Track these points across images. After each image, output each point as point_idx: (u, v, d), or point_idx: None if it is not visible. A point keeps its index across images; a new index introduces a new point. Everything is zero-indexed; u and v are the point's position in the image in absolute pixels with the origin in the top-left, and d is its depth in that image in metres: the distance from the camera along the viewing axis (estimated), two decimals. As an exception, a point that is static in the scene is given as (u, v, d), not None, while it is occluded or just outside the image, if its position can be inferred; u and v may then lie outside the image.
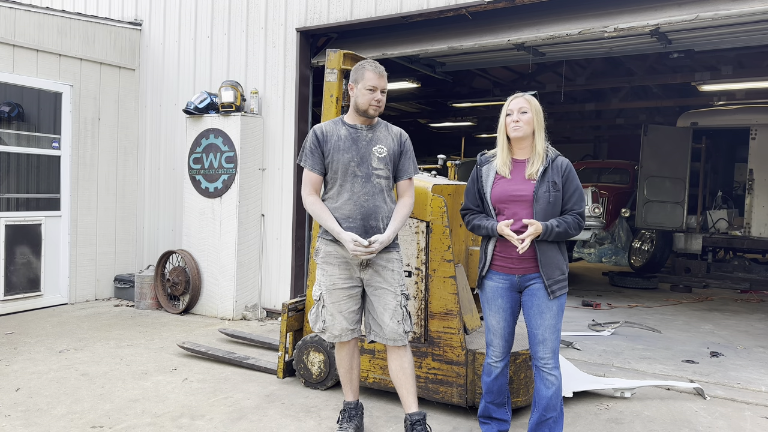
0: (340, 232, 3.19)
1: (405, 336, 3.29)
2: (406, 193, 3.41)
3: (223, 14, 6.90)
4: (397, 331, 3.25)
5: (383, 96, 3.30)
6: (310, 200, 3.31)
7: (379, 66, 3.33)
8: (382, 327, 3.27)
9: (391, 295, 3.27)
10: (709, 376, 4.72)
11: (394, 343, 3.27)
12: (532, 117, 3.03)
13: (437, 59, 7.44)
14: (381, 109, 3.31)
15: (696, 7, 4.78)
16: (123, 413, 3.78)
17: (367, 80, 3.26)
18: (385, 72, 3.33)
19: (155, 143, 7.54)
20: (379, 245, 3.16)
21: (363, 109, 3.28)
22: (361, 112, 3.30)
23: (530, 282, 3.05)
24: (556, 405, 3.02)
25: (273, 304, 6.63)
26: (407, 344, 3.32)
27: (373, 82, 3.25)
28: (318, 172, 3.32)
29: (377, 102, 3.27)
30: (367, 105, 3.26)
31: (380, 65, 3.34)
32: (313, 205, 3.30)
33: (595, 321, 6.52)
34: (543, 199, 2.99)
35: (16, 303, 6.42)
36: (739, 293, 8.89)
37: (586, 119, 15.15)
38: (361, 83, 3.27)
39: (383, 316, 3.25)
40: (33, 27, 6.55)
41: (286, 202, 6.55)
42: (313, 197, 3.32)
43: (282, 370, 4.45)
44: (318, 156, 3.30)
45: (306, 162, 3.33)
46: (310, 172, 3.32)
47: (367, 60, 3.40)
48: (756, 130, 9.64)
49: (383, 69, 3.34)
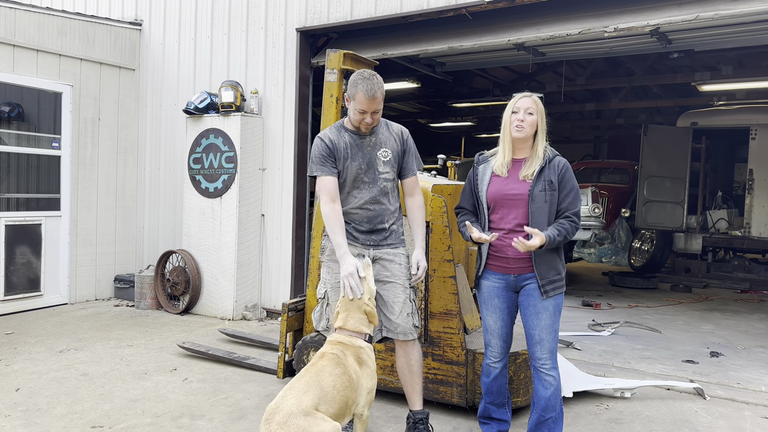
0: (344, 254, 3.07)
1: (415, 330, 3.28)
2: (415, 191, 3.42)
3: (223, 14, 6.90)
4: (407, 325, 3.25)
5: (375, 116, 3.21)
6: (326, 209, 3.18)
7: (373, 85, 3.13)
8: (391, 320, 3.25)
9: (400, 288, 3.28)
10: (709, 376, 4.72)
11: (404, 337, 3.26)
12: (536, 120, 3.02)
13: (437, 59, 7.44)
14: (375, 124, 3.27)
15: (696, 7, 4.78)
16: (123, 413, 3.78)
17: (358, 102, 3.16)
18: (378, 91, 3.15)
19: (155, 143, 7.54)
20: (423, 271, 3.29)
21: (355, 126, 3.28)
22: (355, 127, 3.29)
23: (526, 282, 3.05)
24: (555, 405, 3.02)
25: (273, 304, 6.63)
26: (416, 339, 3.32)
27: (362, 105, 3.15)
28: (333, 174, 3.24)
29: (367, 125, 3.23)
30: (358, 123, 3.25)
31: (376, 82, 3.15)
32: (328, 216, 3.17)
33: (595, 321, 6.52)
34: (539, 199, 2.98)
35: (16, 303, 6.42)
36: (739, 293, 8.89)
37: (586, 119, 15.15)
38: (352, 103, 3.21)
39: (393, 308, 3.24)
40: (33, 27, 6.55)
41: (286, 202, 6.55)
42: (329, 206, 3.18)
43: (282, 370, 4.45)
44: (330, 162, 3.25)
45: (319, 170, 3.24)
46: (326, 178, 3.22)
47: (362, 74, 3.20)
48: (756, 130, 9.64)
49: (378, 87, 3.15)
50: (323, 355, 2.80)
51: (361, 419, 2.90)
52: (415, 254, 3.34)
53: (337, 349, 2.83)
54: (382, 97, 3.20)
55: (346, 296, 2.98)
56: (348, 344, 2.88)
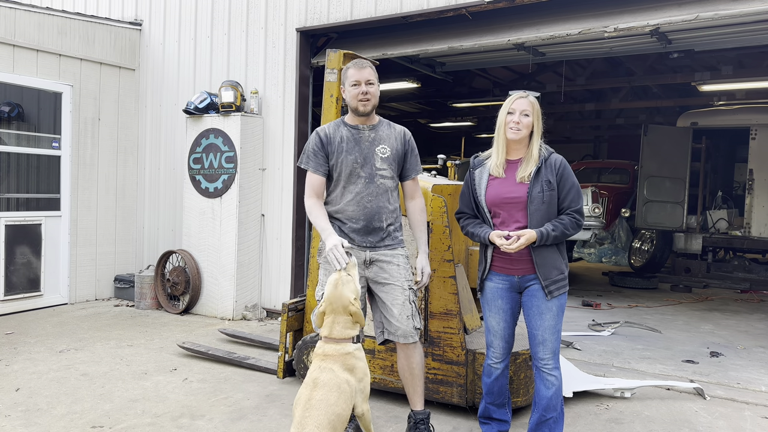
0: (329, 234, 3.04)
1: (416, 332, 3.25)
2: (416, 193, 3.41)
3: (223, 14, 6.90)
4: (407, 327, 3.22)
5: (370, 87, 3.21)
6: (309, 203, 3.25)
7: (360, 60, 3.29)
8: (392, 323, 3.22)
9: (399, 290, 3.24)
10: (709, 376, 4.72)
11: (405, 340, 3.23)
12: (532, 121, 3.01)
13: (437, 59, 7.44)
14: (372, 102, 3.24)
15: (696, 7, 4.78)
16: (123, 413, 3.78)
17: (350, 77, 3.24)
18: (366, 63, 3.27)
19: (155, 143, 7.54)
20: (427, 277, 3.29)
21: (353, 107, 3.26)
22: (353, 110, 3.28)
23: (529, 283, 3.04)
24: (557, 405, 3.02)
25: (273, 304, 6.63)
26: (417, 341, 3.28)
27: (354, 77, 3.21)
28: (321, 174, 3.27)
29: (364, 95, 3.20)
30: (355, 101, 3.22)
31: (363, 59, 3.30)
32: (311, 208, 3.23)
33: (595, 321, 6.53)
34: (537, 200, 2.97)
35: (16, 303, 6.42)
36: (739, 293, 8.89)
37: (586, 119, 15.15)
38: (346, 83, 3.26)
39: (392, 310, 3.21)
40: (33, 27, 6.55)
41: (286, 202, 6.55)
42: (312, 200, 3.25)
43: (282, 370, 4.45)
44: (321, 158, 3.27)
45: (308, 164, 3.28)
46: (313, 175, 3.27)
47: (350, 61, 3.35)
48: (756, 130, 9.64)
49: (366, 62, 3.29)
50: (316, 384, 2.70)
51: (363, 417, 2.90)
52: (419, 260, 3.32)
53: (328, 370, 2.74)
54: (372, 70, 3.27)
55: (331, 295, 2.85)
56: (337, 355, 2.80)
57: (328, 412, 2.63)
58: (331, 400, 2.66)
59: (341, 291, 2.85)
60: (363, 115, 3.27)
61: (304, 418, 2.61)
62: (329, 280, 2.91)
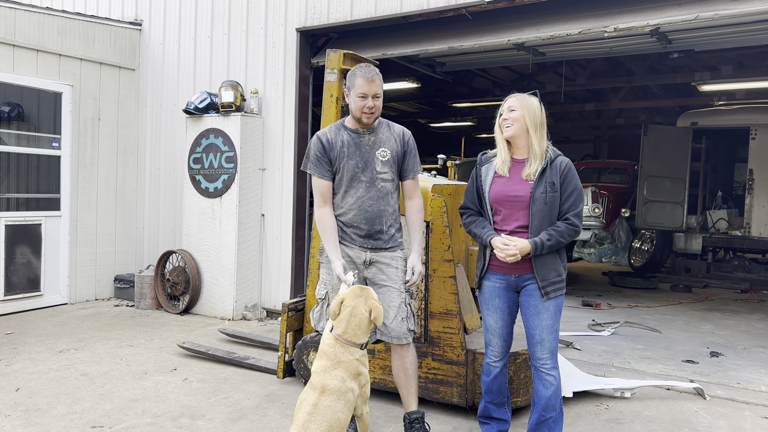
0: (334, 260, 3.16)
1: (409, 334, 3.27)
2: (414, 193, 3.40)
3: (223, 14, 6.90)
4: (401, 329, 3.24)
5: (376, 101, 3.21)
6: (319, 213, 3.27)
7: (370, 70, 3.21)
8: (386, 324, 3.24)
9: (396, 293, 3.26)
10: (709, 376, 4.72)
11: (398, 341, 3.25)
12: (522, 114, 3.00)
13: (437, 59, 7.44)
14: (376, 115, 3.25)
15: (696, 7, 4.78)
16: (123, 413, 3.78)
17: (357, 87, 3.19)
18: (376, 75, 3.21)
19: (155, 143, 7.54)
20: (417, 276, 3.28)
21: (357, 117, 3.25)
22: (357, 119, 3.27)
23: (527, 282, 3.05)
24: (555, 405, 3.03)
25: (273, 304, 6.63)
26: (411, 343, 3.31)
27: (362, 89, 3.17)
28: (327, 179, 3.28)
29: (369, 109, 3.20)
30: (360, 113, 3.22)
31: (373, 68, 3.24)
32: (323, 222, 3.24)
33: (595, 321, 6.52)
34: (540, 201, 2.97)
35: (16, 303, 6.42)
36: (739, 293, 8.88)
37: (586, 119, 15.14)
38: (353, 91, 3.22)
39: (388, 312, 3.23)
40: (33, 27, 6.55)
41: (286, 202, 6.55)
42: (322, 210, 3.27)
43: (282, 370, 4.45)
44: (325, 163, 3.27)
45: (313, 170, 3.28)
46: (320, 180, 3.27)
47: (359, 65, 3.28)
48: (756, 130, 9.64)
49: (375, 72, 3.22)
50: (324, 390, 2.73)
51: (362, 418, 2.91)
52: (411, 259, 3.32)
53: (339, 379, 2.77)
54: (380, 82, 3.24)
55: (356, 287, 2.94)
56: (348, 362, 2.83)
57: (332, 419, 2.68)
58: (337, 408, 2.71)
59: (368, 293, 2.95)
60: (364, 125, 3.29)
61: (308, 422, 2.64)
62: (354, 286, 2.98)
